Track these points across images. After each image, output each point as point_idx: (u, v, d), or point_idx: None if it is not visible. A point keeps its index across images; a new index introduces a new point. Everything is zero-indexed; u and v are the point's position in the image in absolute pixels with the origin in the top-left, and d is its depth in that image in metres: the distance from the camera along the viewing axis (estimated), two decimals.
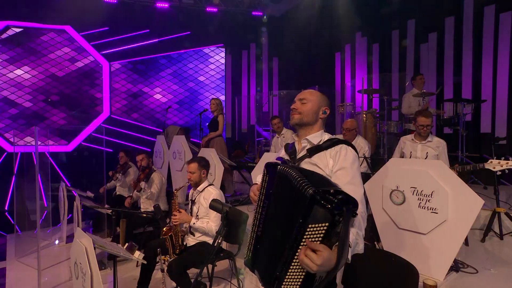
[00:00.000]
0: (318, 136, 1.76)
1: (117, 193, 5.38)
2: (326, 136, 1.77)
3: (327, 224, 1.09)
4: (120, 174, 5.26)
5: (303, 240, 1.13)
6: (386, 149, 5.66)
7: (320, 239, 1.11)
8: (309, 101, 1.77)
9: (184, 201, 5.02)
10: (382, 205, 2.93)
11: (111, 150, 8.10)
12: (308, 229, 1.12)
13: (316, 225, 1.11)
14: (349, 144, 1.71)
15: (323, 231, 1.10)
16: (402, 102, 5.81)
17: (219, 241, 1.53)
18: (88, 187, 5.33)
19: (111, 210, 3.91)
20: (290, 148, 1.83)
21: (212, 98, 5.69)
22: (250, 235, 1.48)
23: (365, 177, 3.63)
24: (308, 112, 1.76)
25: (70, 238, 4.99)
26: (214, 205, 1.63)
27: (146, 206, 4.46)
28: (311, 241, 1.12)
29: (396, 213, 2.83)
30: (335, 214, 1.07)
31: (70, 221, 5.04)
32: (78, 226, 4.06)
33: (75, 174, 7.96)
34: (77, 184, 5.92)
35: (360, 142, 4.42)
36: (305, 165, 1.69)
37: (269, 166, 1.48)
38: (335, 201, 1.09)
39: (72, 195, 4.75)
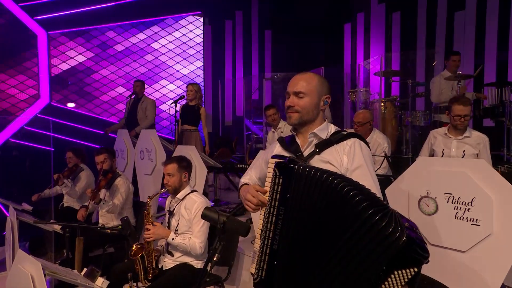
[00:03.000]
0: (325, 129, 1.88)
1: (65, 204, 5.33)
2: (333, 128, 1.90)
3: (415, 269, 1.26)
4: (69, 180, 5.20)
5: (384, 284, 1.29)
6: (411, 147, 5.78)
7: (403, 283, 1.27)
8: (306, 94, 1.85)
9: (155, 213, 5.04)
10: (408, 216, 2.99)
11: (52, 149, 7.98)
12: (393, 275, 1.27)
13: (404, 271, 1.27)
14: (360, 137, 1.85)
15: (410, 276, 1.27)
16: (430, 87, 5.91)
17: (215, 259, 1.57)
18: (21, 197, 5.26)
19: (61, 226, 3.88)
20: (288, 143, 1.92)
21: (190, 84, 5.83)
22: (260, 250, 1.54)
23: (386, 181, 3.71)
24: (308, 108, 1.85)
25: None
26: (208, 215, 1.67)
27: (105, 221, 4.44)
28: (395, 285, 1.28)
29: (427, 225, 2.88)
30: (426, 257, 1.26)
31: None
32: (16, 248, 4.01)
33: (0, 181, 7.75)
34: (4, 194, 5.78)
35: (378, 138, 4.50)
36: (317, 163, 1.79)
37: (282, 165, 1.55)
38: (424, 243, 1.28)
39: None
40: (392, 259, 1.25)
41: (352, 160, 1.78)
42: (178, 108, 6.03)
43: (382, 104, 6.25)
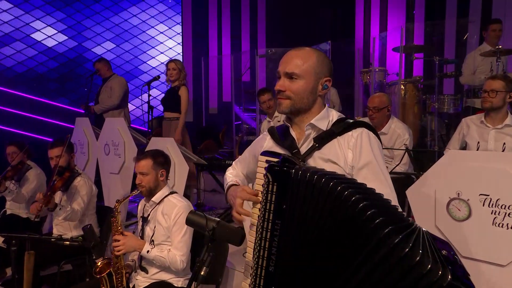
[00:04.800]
0: (325, 117, 1.88)
1: (8, 211, 5.32)
2: (335, 115, 1.90)
3: None
4: (13, 182, 5.17)
5: None
6: (437, 138, 5.82)
7: None
8: (301, 75, 1.84)
9: (124, 220, 5.03)
10: (435, 222, 3.00)
11: None
12: None
13: None
14: (368, 125, 1.85)
15: None
16: (463, 65, 5.93)
17: (203, 273, 1.57)
18: None
19: (4, 238, 3.86)
20: (282, 137, 1.92)
21: (171, 60, 5.77)
22: (254, 271, 1.56)
23: (407, 180, 3.74)
24: (302, 93, 1.85)
25: None
26: (194, 220, 1.67)
27: (62, 230, 4.43)
28: None
29: (457, 233, 2.90)
30: None
31: None
32: None
33: None
34: None
35: (397, 128, 4.53)
36: (317, 161, 1.81)
37: (275, 169, 1.56)
38: (468, 275, 1.32)
39: None
40: None
41: (359, 156, 1.78)
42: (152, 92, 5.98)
43: (402, 86, 6.28)
